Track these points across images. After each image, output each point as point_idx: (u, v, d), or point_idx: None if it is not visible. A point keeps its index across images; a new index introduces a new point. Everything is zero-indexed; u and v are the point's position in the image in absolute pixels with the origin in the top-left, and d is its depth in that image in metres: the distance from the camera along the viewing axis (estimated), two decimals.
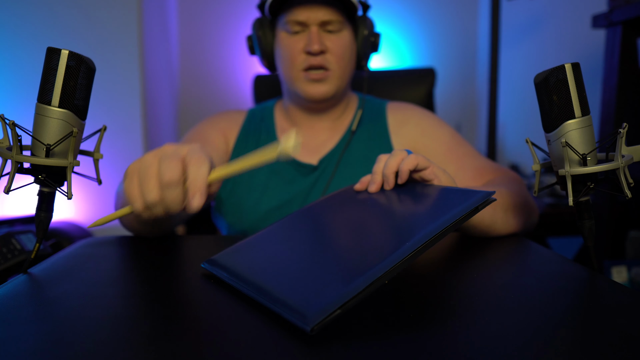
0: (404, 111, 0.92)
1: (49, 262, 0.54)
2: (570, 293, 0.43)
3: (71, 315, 0.38)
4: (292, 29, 0.80)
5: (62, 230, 1.44)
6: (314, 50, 0.78)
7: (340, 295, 0.34)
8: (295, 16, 0.79)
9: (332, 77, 0.81)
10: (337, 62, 0.81)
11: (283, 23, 0.81)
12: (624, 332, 0.34)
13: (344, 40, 0.82)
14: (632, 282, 1.10)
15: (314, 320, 0.32)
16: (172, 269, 0.52)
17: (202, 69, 2.33)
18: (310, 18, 0.79)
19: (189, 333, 0.35)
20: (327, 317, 0.33)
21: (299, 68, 0.81)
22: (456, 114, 2.51)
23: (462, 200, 0.43)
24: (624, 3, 1.07)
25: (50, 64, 0.46)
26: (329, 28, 0.80)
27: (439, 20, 2.48)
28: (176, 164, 0.42)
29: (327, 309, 0.33)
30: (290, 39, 0.81)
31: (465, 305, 0.40)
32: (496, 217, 0.61)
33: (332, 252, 0.42)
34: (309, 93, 0.81)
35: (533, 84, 0.50)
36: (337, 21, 0.80)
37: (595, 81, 1.40)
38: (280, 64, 0.84)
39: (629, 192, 0.47)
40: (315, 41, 0.78)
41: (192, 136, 0.86)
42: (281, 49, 0.83)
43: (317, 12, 0.79)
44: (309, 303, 0.34)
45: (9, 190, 0.46)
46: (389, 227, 0.44)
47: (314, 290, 0.36)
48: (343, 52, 0.82)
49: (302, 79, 0.81)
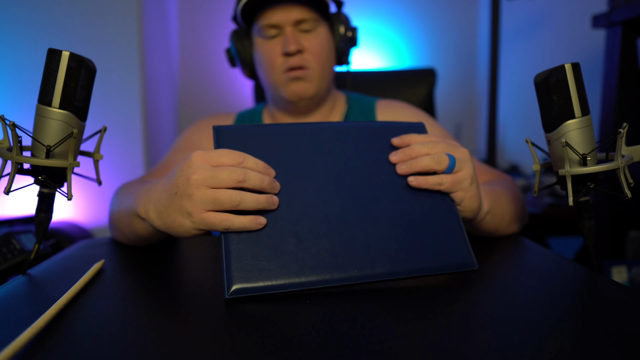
0: (395, 109, 0.90)
1: (49, 263, 0.54)
2: (570, 293, 0.43)
3: (70, 315, 0.38)
4: (268, 34, 0.79)
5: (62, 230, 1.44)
6: (290, 50, 0.77)
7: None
8: (268, 20, 0.78)
9: (312, 76, 0.80)
10: (316, 60, 0.80)
11: (258, 29, 0.80)
12: (624, 331, 0.34)
13: (320, 37, 0.81)
14: (632, 282, 1.10)
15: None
16: (172, 268, 0.52)
17: (202, 69, 2.33)
18: (283, 19, 0.78)
19: (190, 333, 0.35)
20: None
21: (279, 71, 0.80)
22: (456, 114, 2.51)
23: (449, 257, 0.47)
24: (624, 3, 1.07)
25: (51, 65, 0.46)
26: (303, 27, 0.79)
27: (439, 20, 2.48)
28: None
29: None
30: (267, 44, 0.80)
31: (465, 305, 0.40)
32: (500, 224, 0.63)
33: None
34: (292, 92, 0.80)
35: (533, 84, 0.50)
36: (310, 19, 0.79)
37: (595, 81, 1.41)
38: (261, 71, 0.83)
39: (629, 192, 0.47)
40: (292, 41, 0.77)
41: (182, 144, 0.85)
42: (260, 55, 0.82)
43: (290, 12, 0.77)
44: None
45: (9, 191, 0.46)
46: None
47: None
48: (320, 50, 0.80)
49: (283, 81, 0.80)
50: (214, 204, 0.42)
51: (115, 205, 0.63)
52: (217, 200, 0.42)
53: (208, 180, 0.43)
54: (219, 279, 0.48)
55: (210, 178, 0.43)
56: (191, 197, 0.43)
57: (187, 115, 2.33)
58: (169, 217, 0.45)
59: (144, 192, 0.52)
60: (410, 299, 0.42)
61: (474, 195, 0.51)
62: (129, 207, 0.55)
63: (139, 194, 0.53)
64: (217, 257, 0.56)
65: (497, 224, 0.62)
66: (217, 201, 0.42)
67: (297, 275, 0.42)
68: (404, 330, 0.35)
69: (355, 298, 0.42)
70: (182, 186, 0.43)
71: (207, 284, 0.47)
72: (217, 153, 0.45)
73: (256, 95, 1.22)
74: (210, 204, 0.42)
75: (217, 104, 2.31)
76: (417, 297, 0.42)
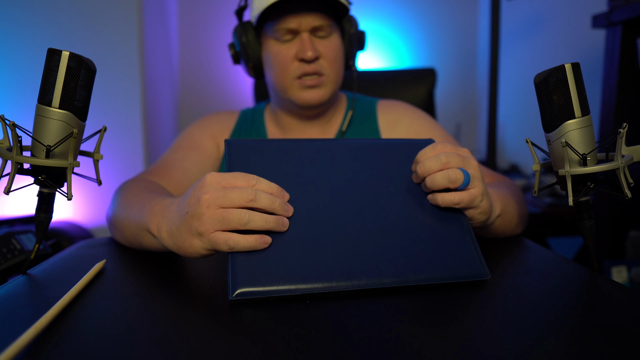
0: (396, 111, 0.90)
1: (49, 263, 0.54)
2: (570, 293, 0.43)
3: (72, 315, 0.38)
4: (283, 37, 0.78)
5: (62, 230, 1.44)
6: (308, 57, 0.76)
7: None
8: (287, 24, 0.76)
9: (327, 82, 0.80)
10: (331, 67, 0.80)
11: (272, 31, 0.78)
12: (624, 331, 0.34)
13: (334, 43, 0.80)
14: (632, 282, 1.10)
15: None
16: (174, 269, 0.52)
17: (202, 69, 2.33)
18: (301, 25, 0.77)
19: (191, 333, 0.35)
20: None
21: (292, 76, 0.79)
22: (456, 114, 2.51)
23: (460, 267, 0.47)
24: (624, 3, 1.07)
25: (51, 65, 0.46)
26: (319, 34, 0.79)
27: (439, 21, 2.48)
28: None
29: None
30: (281, 47, 0.78)
31: (465, 305, 0.40)
32: (508, 227, 0.64)
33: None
34: (305, 99, 0.80)
35: (533, 84, 0.50)
36: (327, 25, 0.79)
37: (595, 81, 1.41)
38: (271, 73, 0.81)
39: (629, 192, 0.47)
40: (309, 48, 0.76)
41: (183, 142, 0.84)
42: (271, 57, 0.80)
43: (308, 19, 0.77)
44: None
45: (9, 191, 0.46)
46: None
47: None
48: (335, 56, 0.80)
49: (296, 87, 0.79)
50: (222, 223, 0.42)
51: (120, 210, 0.61)
52: (225, 219, 0.42)
53: (219, 199, 0.42)
54: (220, 279, 0.48)
55: (221, 198, 0.42)
56: (201, 217, 0.42)
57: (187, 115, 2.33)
58: (179, 237, 0.45)
59: (159, 210, 0.51)
60: (411, 300, 0.42)
61: (484, 210, 0.52)
62: (140, 220, 0.54)
63: (152, 211, 0.52)
64: (218, 257, 0.56)
65: (506, 227, 0.63)
66: (226, 220, 0.42)
67: (303, 281, 0.42)
68: (405, 332, 0.35)
69: (357, 300, 0.42)
70: (193, 206, 0.43)
71: (208, 284, 0.47)
72: (231, 175, 0.45)
73: (256, 95, 1.22)
74: (218, 223, 0.42)
75: (217, 104, 2.31)
76: (418, 299, 0.42)
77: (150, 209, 0.52)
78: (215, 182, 0.44)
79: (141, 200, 0.57)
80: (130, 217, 0.57)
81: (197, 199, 0.43)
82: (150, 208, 0.52)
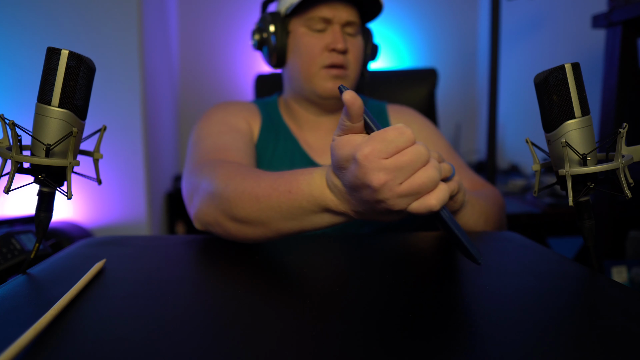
0: (407, 116, 0.93)
1: (49, 263, 0.54)
2: (570, 292, 0.43)
3: (72, 315, 0.38)
4: (315, 27, 0.81)
5: (62, 230, 1.44)
6: (339, 48, 0.79)
7: None
8: (323, 12, 0.80)
9: (349, 77, 0.83)
10: (355, 63, 0.83)
11: (305, 19, 0.81)
12: (624, 331, 0.34)
13: (360, 44, 0.85)
14: (632, 282, 1.10)
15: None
16: (173, 268, 0.52)
17: (202, 69, 2.33)
18: (336, 16, 0.80)
19: (191, 333, 0.35)
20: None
21: (320, 65, 0.81)
22: (456, 114, 2.51)
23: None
24: (624, 3, 1.07)
25: (50, 64, 0.46)
26: (348, 30, 0.82)
27: (439, 21, 2.48)
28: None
29: None
30: (312, 36, 0.81)
31: (465, 305, 0.40)
32: (475, 222, 0.68)
33: None
34: (328, 89, 0.82)
35: (533, 84, 0.50)
36: (356, 24, 0.83)
37: (595, 81, 1.40)
38: (298, 60, 0.83)
39: (629, 192, 0.47)
40: (341, 39, 0.79)
41: (222, 127, 0.78)
42: (301, 45, 0.82)
43: (343, 12, 0.80)
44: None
45: (8, 190, 0.46)
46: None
47: None
48: (360, 55, 0.84)
49: (322, 76, 0.81)
50: (416, 196, 0.38)
51: (251, 184, 0.54)
52: (416, 191, 0.37)
53: (398, 178, 0.37)
54: (220, 278, 0.48)
55: (399, 175, 0.37)
56: (387, 201, 0.38)
57: (187, 114, 2.33)
58: (375, 217, 0.44)
59: (336, 189, 0.45)
60: (407, 295, 0.42)
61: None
62: (303, 201, 0.48)
63: (323, 189, 0.46)
64: (218, 257, 0.56)
65: (475, 220, 0.67)
66: (417, 192, 0.38)
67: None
68: (401, 331, 0.35)
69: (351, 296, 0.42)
70: (369, 196, 0.40)
71: (208, 284, 0.47)
72: (384, 141, 0.38)
73: (256, 95, 1.22)
74: (411, 198, 0.38)
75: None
76: (415, 294, 0.42)
77: (321, 188, 0.47)
78: (374, 158, 0.37)
79: (282, 174, 0.52)
80: (277, 205, 0.50)
81: (370, 189, 0.38)
82: (320, 186, 0.47)
